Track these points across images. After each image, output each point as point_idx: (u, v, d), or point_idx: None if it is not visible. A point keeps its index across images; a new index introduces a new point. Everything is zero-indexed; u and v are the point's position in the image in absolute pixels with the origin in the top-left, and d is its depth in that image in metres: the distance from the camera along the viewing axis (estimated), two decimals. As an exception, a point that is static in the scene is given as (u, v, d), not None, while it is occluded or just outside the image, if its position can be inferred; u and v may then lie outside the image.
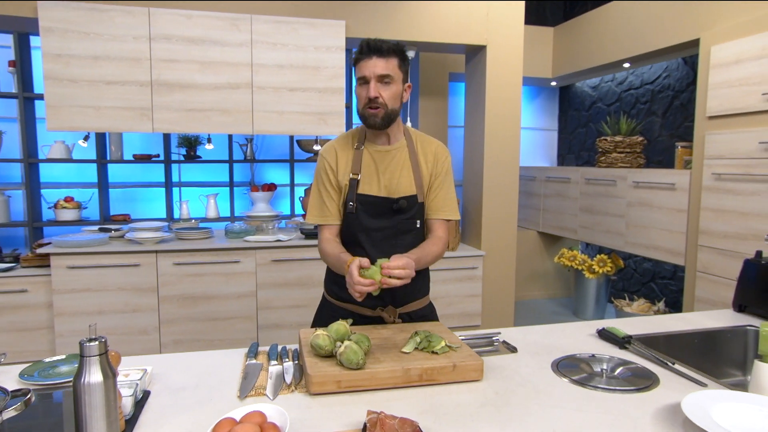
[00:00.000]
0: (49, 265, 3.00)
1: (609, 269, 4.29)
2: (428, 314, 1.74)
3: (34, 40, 3.68)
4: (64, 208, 3.76)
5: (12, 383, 1.29)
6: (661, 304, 4.00)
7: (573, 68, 4.65)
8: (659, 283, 4.34)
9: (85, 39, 2.96)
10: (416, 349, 1.37)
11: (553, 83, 5.25)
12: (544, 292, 5.26)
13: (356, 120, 4.36)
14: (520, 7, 3.67)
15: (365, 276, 1.36)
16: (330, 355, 1.31)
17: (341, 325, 1.37)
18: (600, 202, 4.16)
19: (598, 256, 4.38)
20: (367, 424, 1.02)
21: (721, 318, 1.86)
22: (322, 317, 1.73)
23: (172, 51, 3.08)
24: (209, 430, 0.95)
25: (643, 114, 4.43)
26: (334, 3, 3.36)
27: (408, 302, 1.67)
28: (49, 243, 3.11)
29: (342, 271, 1.51)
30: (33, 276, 3.02)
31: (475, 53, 3.82)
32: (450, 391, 1.25)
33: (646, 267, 4.48)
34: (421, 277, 1.70)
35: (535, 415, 1.13)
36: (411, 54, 3.71)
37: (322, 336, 1.31)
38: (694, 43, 3.41)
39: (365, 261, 1.40)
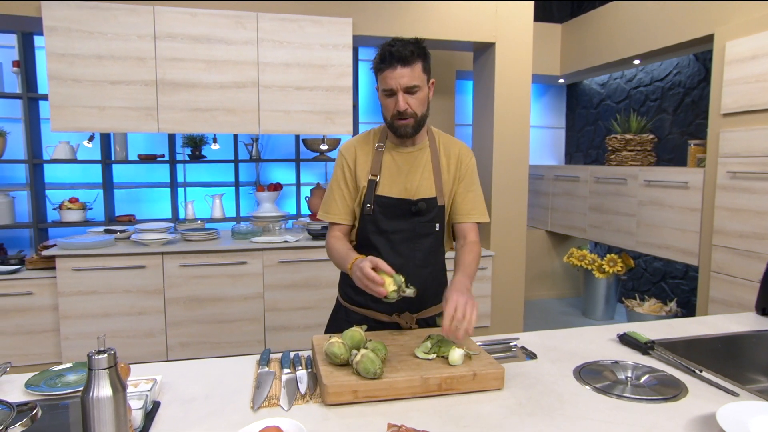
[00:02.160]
0: (54, 267, 2.96)
1: (619, 269, 4.23)
2: None
3: (38, 40, 3.64)
4: (69, 209, 3.73)
5: (18, 393, 1.25)
6: (672, 305, 3.95)
7: (581, 65, 4.59)
8: (670, 282, 4.28)
9: (90, 38, 2.92)
10: (427, 353, 1.32)
11: (561, 81, 5.19)
12: (552, 292, 5.21)
13: (363, 118, 4.32)
14: (529, 4, 3.61)
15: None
16: (345, 364, 1.26)
17: (356, 332, 1.33)
18: (610, 200, 4.11)
19: (608, 255, 4.32)
20: (388, 438, 0.97)
21: (744, 321, 1.81)
22: (337, 322, 1.69)
23: (177, 50, 3.04)
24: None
25: (653, 111, 4.37)
26: (341, 1, 3.31)
27: (425, 308, 1.63)
28: (54, 245, 3.08)
29: (345, 265, 1.48)
30: (38, 278, 2.98)
31: (483, 51, 3.77)
32: (471, 401, 1.20)
33: (656, 266, 4.42)
34: (438, 282, 1.66)
35: (561, 427, 1.09)
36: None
37: (337, 344, 1.27)
38: (708, 39, 3.35)
39: (382, 263, 1.36)
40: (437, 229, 1.60)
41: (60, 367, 1.36)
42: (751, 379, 1.65)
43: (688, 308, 4.03)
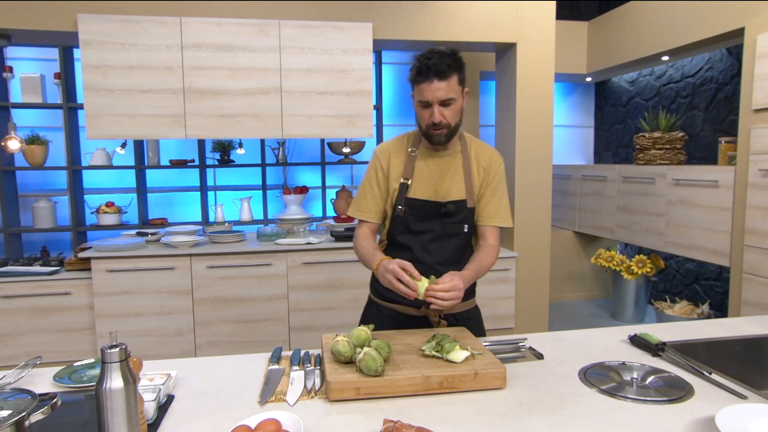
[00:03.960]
0: (90, 269, 3.11)
1: (648, 270, 4.14)
2: (474, 316, 1.75)
3: (76, 53, 3.83)
4: (106, 212, 3.90)
5: (46, 385, 1.34)
6: (705, 307, 3.83)
7: (608, 63, 4.51)
8: (703, 284, 4.15)
9: (122, 50, 3.06)
10: (432, 354, 1.35)
11: (588, 79, 5.11)
12: (581, 294, 5.12)
13: (387, 121, 4.36)
14: (551, 3, 3.58)
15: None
16: (350, 362, 1.30)
17: (362, 331, 1.36)
18: (638, 200, 4.02)
19: (637, 256, 4.23)
20: (383, 433, 1.00)
21: (765, 324, 1.76)
22: (369, 317, 1.76)
23: (203, 58, 3.15)
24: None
25: (684, 108, 4.25)
26: (361, 5, 3.36)
27: (455, 305, 1.67)
28: (90, 247, 3.23)
29: (371, 265, 1.57)
30: (76, 279, 3.14)
31: (505, 51, 3.75)
32: (471, 400, 1.22)
33: (689, 268, 4.29)
34: None
35: (559, 426, 1.09)
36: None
37: (342, 342, 1.31)
38: (738, 33, 3.25)
39: (409, 265, 1.43)
40: (465, 230, 1.65)
41: (85, 361, 1.45)
42: (771, 383, 1.60)
43: (722, 311, 3.90)
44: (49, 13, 3.02)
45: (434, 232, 1.63)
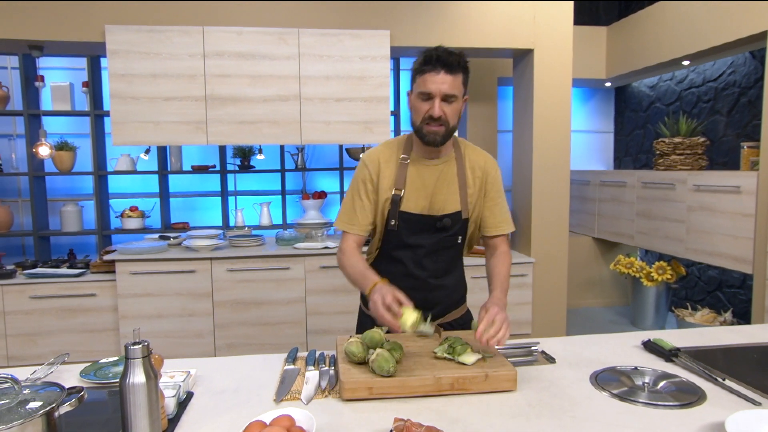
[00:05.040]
0: (114, 271, 3.21)
1: (669, 277, 4.08)
2: (466, 321, 1.74)
3: (103, 62, 3.96)
4: (130, 217, 4.02)
5: (73, 380, 1.40)
6: (727, 315, 3.76)
7: (628, 68, 4.48)
8: (726, 292, 4.08)
9: (146, 59, 3.16)
10: (444, 356, 1.37)
11: (608, 84, 5.07)
12: (600, 301, 5.07)
13: (405, 126, 4.39)
14: (569, 9, 3.58)
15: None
16: (364, 362, 1.33)
17: (376, 333, 1.39)
18: (658, 206, 3.97)
19: (657, 263, 4.17)
20: (393, 431, 1.03)
21: (786, 331, 1.73)
22: (363, 327, 1.74)
23: (225, 66, 3.23)
24: (240, 431, 0.99)
25: (706, 113, 4.19)
26: (379, 13, 3.41)
27: (448, 312, 1.68)
28: (115, 250, 3.33)
29: (362, 287, 1.50)
30: (101, 281, 3.23)
31: (522, 57, 3.76)
32: (482, 402, 1.24)
33: (711, 275, 4.22)
34: (459, 288, 1.71)
35: (568, 429, 1.11)
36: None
37: (355, 343, 1.34)
38: (761, 37, 3.20)
39: (402, 296, 1.35)
40: (459, 241, 1.63)
41: (110, 359, 1.51)
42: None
43: (746, 319, 3.82)
44: (79, 24, 3.14)
45: (428, 245, 1.59)
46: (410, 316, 1.31)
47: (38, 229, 3.88)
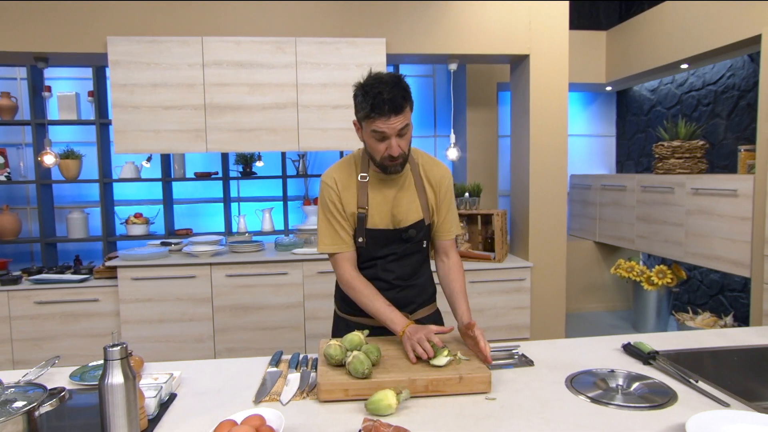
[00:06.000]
0: (116, 277, 3.27)
1: (669, 281, 4.06)
2: (437, 320, 1.79)
3: (108, 72, 4.05)
4: (134, 223, 4.09)
5: (63, 382, 1.45)
6: (728, 319, 3.74)
7: (627, 72, 4.48)
8: (728, 296, 4.05)
9: (147, 69, 3.23)
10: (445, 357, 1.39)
11: (609, 88, 5.07)
12: (602, 305, 5.05)
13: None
14: (564, 14, 3.60)
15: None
16: (341, 365, 1.36)
17: (356, 336, 1.42)
18: (657, 210, 3.96)
19: (657, 267, 4.16)
20: (362, 431, 1.06)
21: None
22: (338, 331, 1.79)
23: (223, 75, 3.29)
24: (211, 430, 1.03)
25: (706, 116, 4.18)
26: (375, 21, 3.45)
27: (418, 310, 1.74)
28: (117, 256, 3.39)
29: (377, 315, 1.53)
30: (103, 287, 3.30)
31: (519, 63, 3.79)
32: (456, 403, 1.26)
33: (713, 279, 4.19)
34: (427, 288, 1.76)
35: (535, 429, 1.13)
36: (453, 67, 3.74)
37: (333, 346, 1.37)
38: (755, 40, 3.20)
39: (434, 336, 1.40)
40: (424, 245, 1.71)
41: (97, 362, 1.55)
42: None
43: (747, 323, 3.79)
44: (82, 36, 3.22)
45: (396, 254, 1.65)
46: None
47: (45, 236, 3.96)
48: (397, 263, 1.67)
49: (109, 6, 3.22)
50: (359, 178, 1.61)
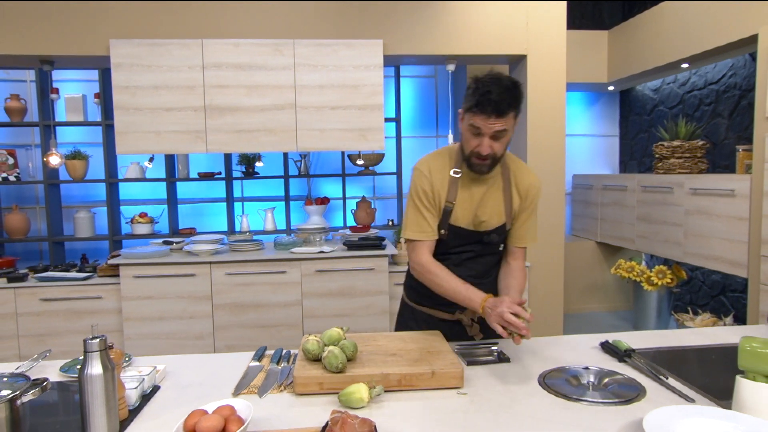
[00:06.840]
0: (119, 275, 3.35)
1: (669, 281, 4.05)
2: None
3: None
4: (139, 222, 4.17)
5: (54, 375, 1.50)
6: (728, 319, 3.72)
7: (628, 72, 4.47)
8: (730, 296, 4.03)
9: (148, 71, 3.30)
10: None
11: (611, 88, 5.06)
12: (603, 305, 5.04)
13: (405, 132, 4.46)
14: (562, 14, 3.61)
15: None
16: (318, 359, 1.40)
17: (335, 331, 1.46)
18: (657, 210, 3.95)
19: (656, 267, 4.15)
20: (329, 422, 1.10)
21: (752, 334, 1.74)
22: (403, 320, 1.85)
23: (222, 77, 3.35)
24: (182, 419, 1.07)
25: (708, 116, 4.16)
26: (372, 23, 3.49)
27: None
28: (119, 254, 3.47)
29: (455, 295, 1.55)
30: (107, 284, 3.38)
31: (517, 63, 3.80)
32: (427, 397, 1.30)
33: (714, 279, 4.17)
34: (495, 287, 1.78)
35: (501, 424, 1.16)
36: (451, 68, 3.76)
37: (311, 341, 1.41)
38: (753, 40, 3.19)
39: (517, 308, 1.40)
40: (501, 248, 1.74)
41: (89, 355, 1.61)
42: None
43: (746, 324, 3.77)
44: (86, 39, 3.30)
45: (473, 252, 1.69)
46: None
47: (53, 235, 4.06)
48: (473, 261, 1.70)
49: (111, 10, 3.30)
50: (452, 173, 1.63)
